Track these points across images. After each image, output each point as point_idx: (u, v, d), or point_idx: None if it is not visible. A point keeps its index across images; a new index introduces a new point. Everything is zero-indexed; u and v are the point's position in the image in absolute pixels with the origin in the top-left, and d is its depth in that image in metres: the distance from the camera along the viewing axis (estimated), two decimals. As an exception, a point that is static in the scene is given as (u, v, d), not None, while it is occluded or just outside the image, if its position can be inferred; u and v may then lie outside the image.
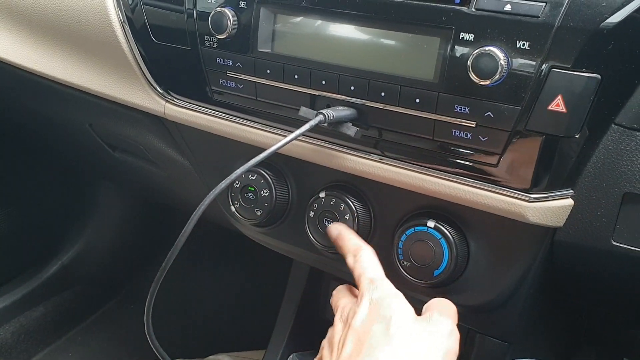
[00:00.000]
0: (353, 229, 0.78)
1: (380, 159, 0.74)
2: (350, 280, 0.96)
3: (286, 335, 1.00)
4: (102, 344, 1.76)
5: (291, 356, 0.98)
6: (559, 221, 0.67)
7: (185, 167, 1.01)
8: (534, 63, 0.60)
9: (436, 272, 0.73)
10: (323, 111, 0.69)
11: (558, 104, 0.60)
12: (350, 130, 0.70)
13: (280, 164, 0.85)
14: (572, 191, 0.66)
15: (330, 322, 1.02)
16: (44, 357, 1.71)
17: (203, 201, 0.72)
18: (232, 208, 0.86)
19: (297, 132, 0.68)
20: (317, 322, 1.03)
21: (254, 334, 1.16)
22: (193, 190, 1.10)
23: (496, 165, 0.66)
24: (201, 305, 1.89)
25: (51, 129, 1.40)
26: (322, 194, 0.80)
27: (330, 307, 1.02)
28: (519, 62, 0.61)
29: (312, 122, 0.69)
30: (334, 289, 1.00)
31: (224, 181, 0.69)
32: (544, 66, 0.60)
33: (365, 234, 0.79)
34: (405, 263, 0.75)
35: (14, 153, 1.61)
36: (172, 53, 0.86)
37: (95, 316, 1.85)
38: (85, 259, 1.86)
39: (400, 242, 0.75)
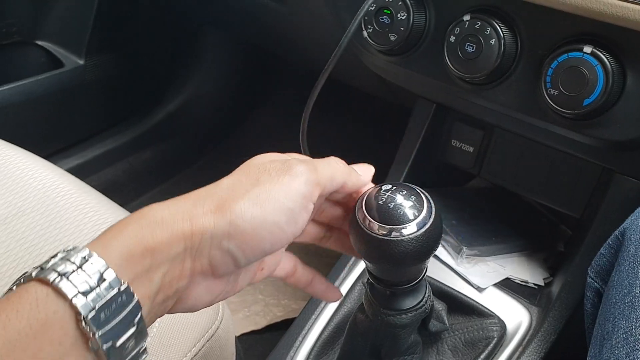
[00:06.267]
0: (497, 56, 0.74)
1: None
2: (475, 117, 0.92)
3: (403, 174, 0.99)
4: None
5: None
6: None
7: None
8: None
9: (586, 102, 0.69)
10: None
11: None
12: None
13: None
14: None
15: (449, 165, 1.01)
16: (152, 196, 1.82)
17: (356, 16, 0.71)
18: (365, 33, 0.83)
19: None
20: (435, 164, 1.02)
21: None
22: (318, 29, 1.07)
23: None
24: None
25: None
26: (467, 17, 0.75)
27: (450, 148, 1.00)
28: None
29: None
30: (460, 129, 0.98)
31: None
32: None
33: (509, 63, 0.75)
34: (552, 92, 0.71)
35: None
36: None
37: (198, 164, 1.94)
38: (190, 108, 1.91)
39: (550, 69, 0.70)
